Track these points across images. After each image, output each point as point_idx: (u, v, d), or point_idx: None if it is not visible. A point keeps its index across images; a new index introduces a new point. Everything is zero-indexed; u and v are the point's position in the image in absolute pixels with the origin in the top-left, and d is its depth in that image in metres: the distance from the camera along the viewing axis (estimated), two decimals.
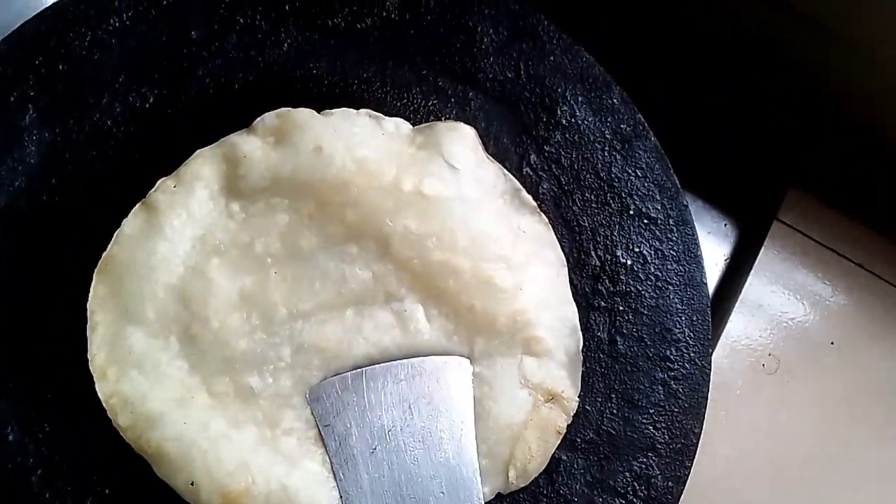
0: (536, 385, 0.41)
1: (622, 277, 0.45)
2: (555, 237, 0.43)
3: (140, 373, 0.39)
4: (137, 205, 0.41)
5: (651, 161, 0.46)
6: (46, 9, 0.44)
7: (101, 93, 0.44)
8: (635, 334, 0.44)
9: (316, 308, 0.41)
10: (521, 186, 0.43)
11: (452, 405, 0.40)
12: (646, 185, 0.46)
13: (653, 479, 0.42)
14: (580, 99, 0.46)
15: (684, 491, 0.43)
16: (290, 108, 0.42)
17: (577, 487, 0.42)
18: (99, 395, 0.39)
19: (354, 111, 0.43)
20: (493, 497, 0.41)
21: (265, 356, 0.40)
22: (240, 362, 0.40)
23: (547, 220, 0.44)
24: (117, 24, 0.44)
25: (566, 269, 0.43)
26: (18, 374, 0.41)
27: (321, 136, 0.41)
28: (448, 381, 0.40)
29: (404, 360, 0.40)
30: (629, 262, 0.45)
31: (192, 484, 0.38)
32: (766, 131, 0.57)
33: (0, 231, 0.42)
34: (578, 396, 0.42)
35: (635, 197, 0.46)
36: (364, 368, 0.40)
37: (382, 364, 0.40)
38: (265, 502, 0.39)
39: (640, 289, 0.45)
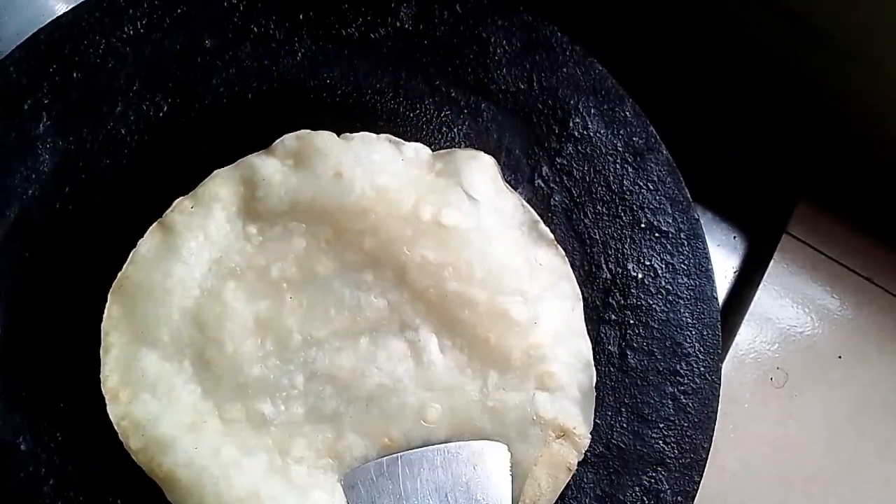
0: (548, 421, 0.40)
1: (633, 291, 0.45)
2: (571, 270, 0.43)
3: (153, 396, 0.39)
4: (154, 224, 0.41)
5: (663, 174, 0.46)
6: (61, 16, 0.44)
7: (115, 101, 0.44)
8: (646, 348, 0.44)
9: (330, 335, 0.40)
10: (538, 218, 0.43)
11: (490, 493, 0.39)
12: (657, 198, 0.46)
13: (662, 494, 0.42)
14: (593, 111, 0.46)
15: None
16: (309, 131, 0.42)
17: (587, 501, 0.42)
18: (111, 416, 0.39)
19: (374, 136, 0.42)
20: None
21: (278, 383, 0.40)
22: (253, 388, 0.40)
23: (563, 252, 0.43)
24: (132, 33, 0.44)
25: (581, 302, 0.43)
26: (31, 384, 0.41)
27: (341, 161, 0.41)
28: (485, 467, 0.40)
29: (441, 446, 0.40)
30: (640, 276, 0.45)
31: None
32: (776, 144, 0.57)
33: (13, 239, 0.42)
34: (591, 433, 0.41)
35: (647, 210, 0.46)
36: (399, 454, 0.40)
37: (418, 450, 0.40)
38: None
39: (651, 302, 0.45)
